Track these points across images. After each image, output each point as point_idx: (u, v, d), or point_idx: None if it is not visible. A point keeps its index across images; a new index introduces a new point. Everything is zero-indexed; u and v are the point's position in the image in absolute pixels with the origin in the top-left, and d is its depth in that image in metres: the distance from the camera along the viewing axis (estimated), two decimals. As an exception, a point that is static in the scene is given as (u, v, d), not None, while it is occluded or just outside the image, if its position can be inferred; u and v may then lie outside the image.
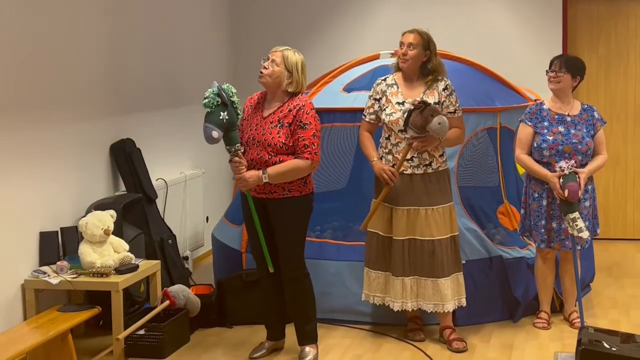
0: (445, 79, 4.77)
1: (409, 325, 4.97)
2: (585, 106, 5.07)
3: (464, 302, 4.78)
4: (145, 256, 5.14)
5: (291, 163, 4.37)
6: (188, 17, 6.86)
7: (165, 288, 4.94)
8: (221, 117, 4.27)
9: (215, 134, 4.27)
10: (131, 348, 4.60)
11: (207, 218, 6.87)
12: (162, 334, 4.63)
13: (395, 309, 4.75)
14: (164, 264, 5.43)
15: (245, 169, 4.38)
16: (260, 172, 4.36)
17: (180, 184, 6.35)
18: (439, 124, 4.47)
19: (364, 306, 5.05)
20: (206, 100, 4.29)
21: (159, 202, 5.92)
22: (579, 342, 2.85)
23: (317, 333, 4.66)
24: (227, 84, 4.39)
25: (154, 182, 5.84)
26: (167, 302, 4.84)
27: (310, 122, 4.40)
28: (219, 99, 4.29)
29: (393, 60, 4.97)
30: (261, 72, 4.44)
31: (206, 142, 4.37)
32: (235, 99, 4.37)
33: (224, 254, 5.62)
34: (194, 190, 6.58)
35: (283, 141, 4.37)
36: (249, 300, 5.12)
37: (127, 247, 4.81)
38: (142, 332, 4.63)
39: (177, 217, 6.27)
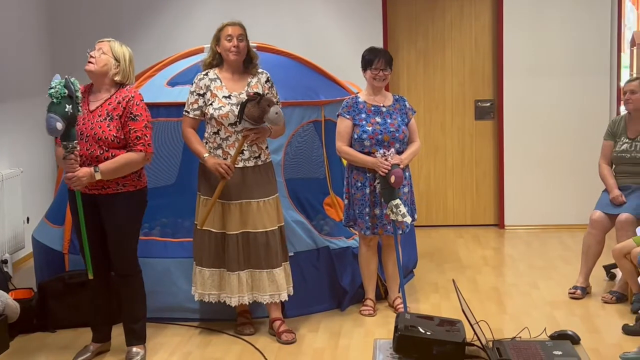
0: (265, 71, 4.81)
1: (238, 320, 4.98)
2: (397, 97, 5.28)
3: (292, 291, 4.85)
4: (-43, 262, 4.88)
5: (124, 157, 4.27)
6: (6, 11, 6.52)
7: (-20, 294, 4.70)
8: (66, 110, 4.06)
9: (60, 125, 4.05)
10: (-56, 360, 4.37)
11: (28, 219, 6.58)
12: (-22, 343, 4.42)
13: (233, 305, 4.75)
14: (-21, 269, 5.17)
15: (79, 168, 4.22)
16: (92, 169, 4.21)
17: (-4, 184, 6.06)
18: (276, 113, 4.52)
19: (193, 303, 5.00)
20: (53, 90, 4.06)
21: (-27, 204, 5.62)
22: (396, 328, 2.96)
23: (146, 332, 4.59)
24: (74, 78, 4.19)
25: (-34, 183, 5.54)
26: (-18, 310, 4.61)
27: (140, 114, 4.32)
28: (66, 91, 4.08)
29: None
30: (89, 61, 4.31)
31: (47, 134, 4.14)
32: (79, 94, 4.17)
33: (45, 256, 5.40)
34: (11, 190, 6.28)
35: (114, 134, 4.26)
36: (72, 303, 4.97)
37: (-64, 253, 4.54)
38: (-45, 342, 4.39)
39: (-7, 219, 5.98)
